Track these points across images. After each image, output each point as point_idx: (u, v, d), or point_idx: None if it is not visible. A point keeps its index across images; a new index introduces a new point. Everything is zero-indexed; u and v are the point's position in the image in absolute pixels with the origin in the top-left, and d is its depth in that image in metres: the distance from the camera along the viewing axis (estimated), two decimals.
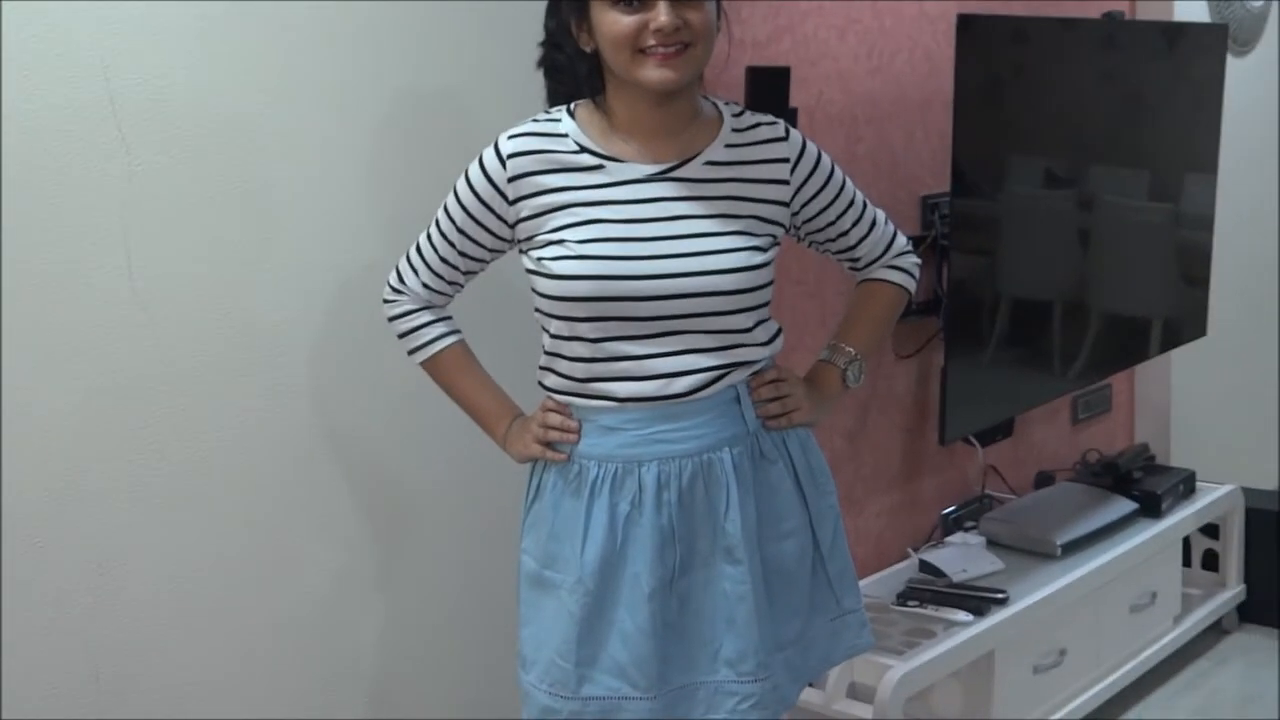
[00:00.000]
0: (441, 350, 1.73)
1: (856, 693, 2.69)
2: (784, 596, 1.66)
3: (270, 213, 1.89)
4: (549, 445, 1.65)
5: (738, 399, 1.64)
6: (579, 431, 1.63)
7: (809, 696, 2.69)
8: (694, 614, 1.61)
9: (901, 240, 1.84)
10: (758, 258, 1.62)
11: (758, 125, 1.65)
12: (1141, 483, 3.40)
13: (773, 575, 1.64)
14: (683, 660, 1.60)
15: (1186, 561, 3.51)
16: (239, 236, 1.86)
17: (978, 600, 2.86)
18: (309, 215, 1.94)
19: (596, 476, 1.60)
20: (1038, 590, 2.94)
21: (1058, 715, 2.98)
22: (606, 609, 1.58)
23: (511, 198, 1.61)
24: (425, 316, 1.73)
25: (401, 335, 1.74)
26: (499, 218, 1.63)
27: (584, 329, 1.59)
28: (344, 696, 2.08)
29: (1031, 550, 3.12)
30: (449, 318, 1.75)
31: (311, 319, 1.97)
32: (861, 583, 2.93)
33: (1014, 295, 3.05)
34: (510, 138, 1.61)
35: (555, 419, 1.64)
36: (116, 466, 1.78)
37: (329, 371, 2.00)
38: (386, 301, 1.74)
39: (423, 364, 1.75)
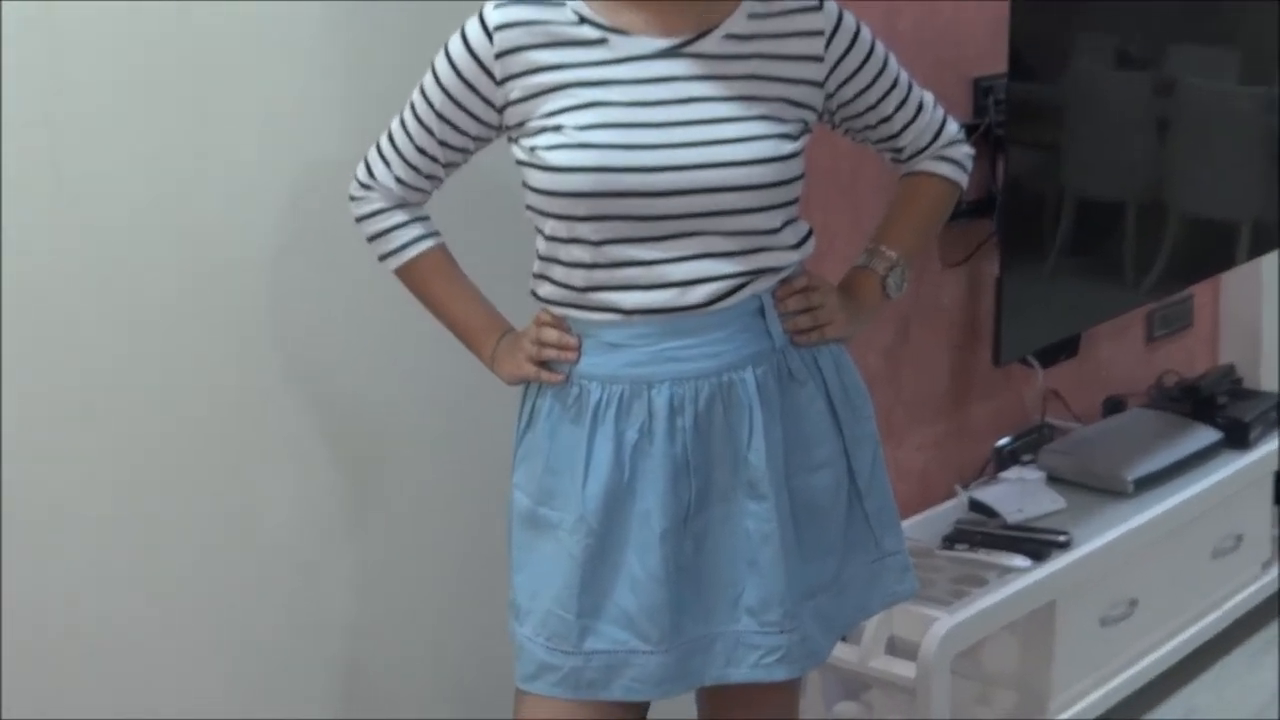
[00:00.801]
0: (418, 255, 1.72)
1: (897, 648, 2.71)
2: (814, 536, 1.66)
3: (213, 101, 1.87)
4: (544, 365, 1.65)
5: (762, 311, 1.64)
6: (578, 349, 1.63)
7: (841, 653, 2.71)
8: (711, 556, 1.62)
9: (953, 127, 1.82)
10: (786, 147, 1.61)
11: None
12: (1226, 409, 3.40)
13: (802, 512, 1.64)
14: (699, 609, 1.61)
15: (1278, 499, 3.52)
16: (177, 129, 1.85)
17: (1036, 544, 2.88)
18: (258, 103, 1.92)
19: (599, 400, 1.60)
20: (1105, 532, 2.95)
21: (1127, 673, 3.01)
22: (612, 551, 1.58)
23: (499, 77, 1.59)
24: (398, 216, 1.72)
25: (371, 239, 1.73)
26: (484, 100, 1.61)
27: (584, 230, 1.58)
28: (315, 653, 2.10)
29: (1098, 487, 3.13)
30: (426, 218, 1.74)
31: (265, 225, 1.96)
32: (903, 524, 2.95)
33: (1080, 194, 3.03)
34: (498, 6, 1.59)
35: (551, 334, 1.64)
36: (48, 401, 1.78)
37: (287, 285, 1.99)
38: (354, 199, 1.73)
39: (396, 271, 1.74)
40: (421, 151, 1.68)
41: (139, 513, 1.89)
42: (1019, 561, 2.83)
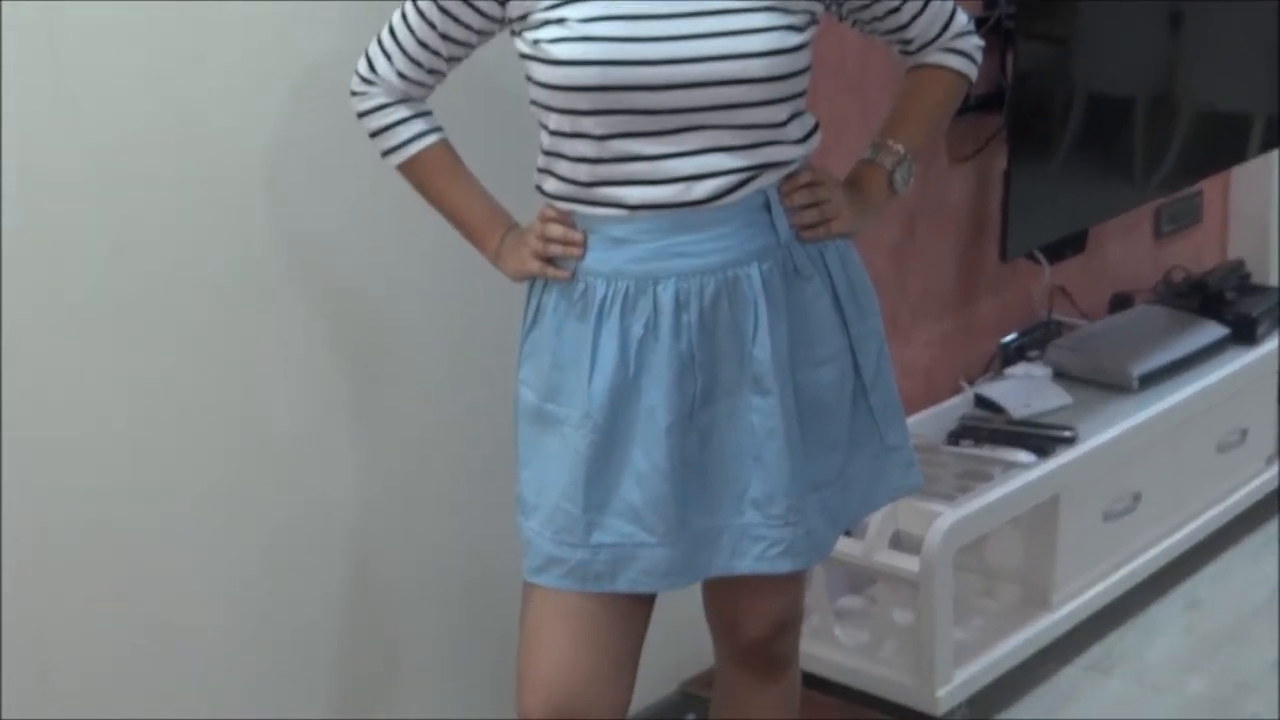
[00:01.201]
0: (421, 151, 1.71)
1: (901, 542, 2.74)
2: (819, 431, 1.67)
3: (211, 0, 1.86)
4: (549, 261, 1.65)
5: (767, 205, 1.63)
6: (584, 244, 1.62)
7: (846, 547, 2.74)
8: (717, 451, 1.62)
9: (962, 19, 1.80)
10: (793, 39, 1.59)
11: None
12: (1234, 305, 3.40)
13: (807, 407, 1.65)
14: (704, 502, 1.63)
15: None
16: (176, 30, 1.83)
17: (1041, 439, 2.89)
18: None
19: (605, 296, 1.60)
20: (1110, 427, 2.96)
21: (1129, 567, 3.04)
22: (618, 446, 1.59)
23: None
24: (401, 112, 1.70)
25: (373, 134, 1.72)
26: None
27: (588, 124, 1.57)
28: (322, 551, 2.12)
29: (1104, 382, 3.14)
30: (429, 113, 1.73)
31: (267, 124, 1.95)
32: (909, 420, 2.96)
33: (1090, 88, 3.00)
34: None
35: (556, 230, 1.64)
36: (49, 310, 1.78)
37: (289, 180, 1.98)
38: (355, 94, 1.72)
39: (399, 167, 1.73)
40: (423, 45, 1.66)
41: (143, 416, 1.90)
42: (1024, 457, 2.85)
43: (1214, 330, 3.31)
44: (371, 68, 1.70)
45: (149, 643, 1.94)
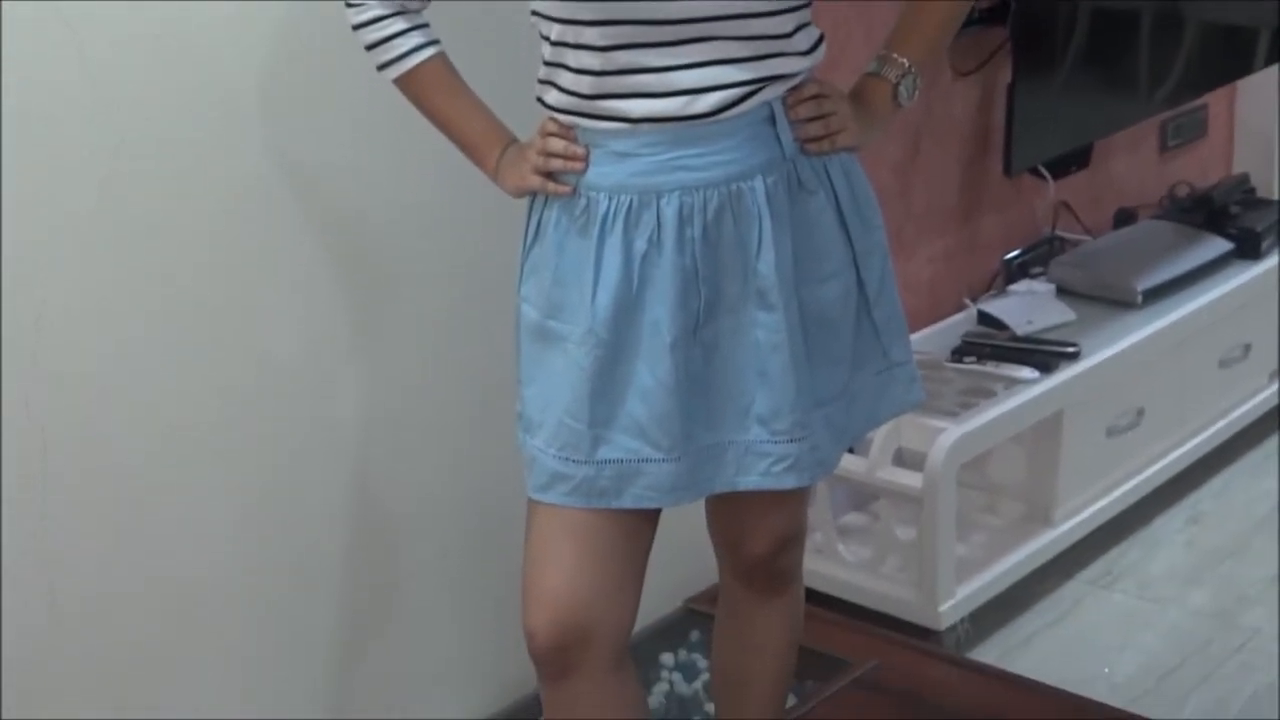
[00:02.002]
0: (418, 64, 1.69)
1: (904, 459, 2.74)
2: (824, 346, 1.66)
3: None
4: (550, 175, 1.63)
5: (772, 119, 1.61)
6: (586, 159, 1.61)
7: (850, 464, 2.74)
8: (721, 366, 1.62)
9: None
10: None
11: None
12: (1239, 219, 3.38)
13: (811, 322, 1.64)
14: (709, 418, 1.62)
15: None
16: None
17: (1045, 355, 2.89)
18: None
19: (607, 211, 1.58)
20: (1114, 343, 2.96)
21: (1133, 482, 3.05)
22: (622, 362, 1.59)
23: None
24: (398, 24, 1.68)
25: (369, 47, 1.70)
26: None
27: (590, 35, 1.55)
28: (318, 477, 2.12)
29: (1108, 298, 3.14)
30: (425, 25, 1.70)
31: (261, 39, 1.92)
32: (912, 337, 2.95)
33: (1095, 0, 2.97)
34: None
35: (557, 144, 1.62)
36: (40, 216, 1.77)
37: (283, 93, 1.96)
38: (350, 5, 1.69)
39: (395, 81, 1.71)
40: None
41: (140, 342, 1.89)
42: (1027, 373, 2.85)
43: (1218, 245, 3.30)
44: None
45: (149, 571, 1.95)
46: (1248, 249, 3.31)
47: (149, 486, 1.93)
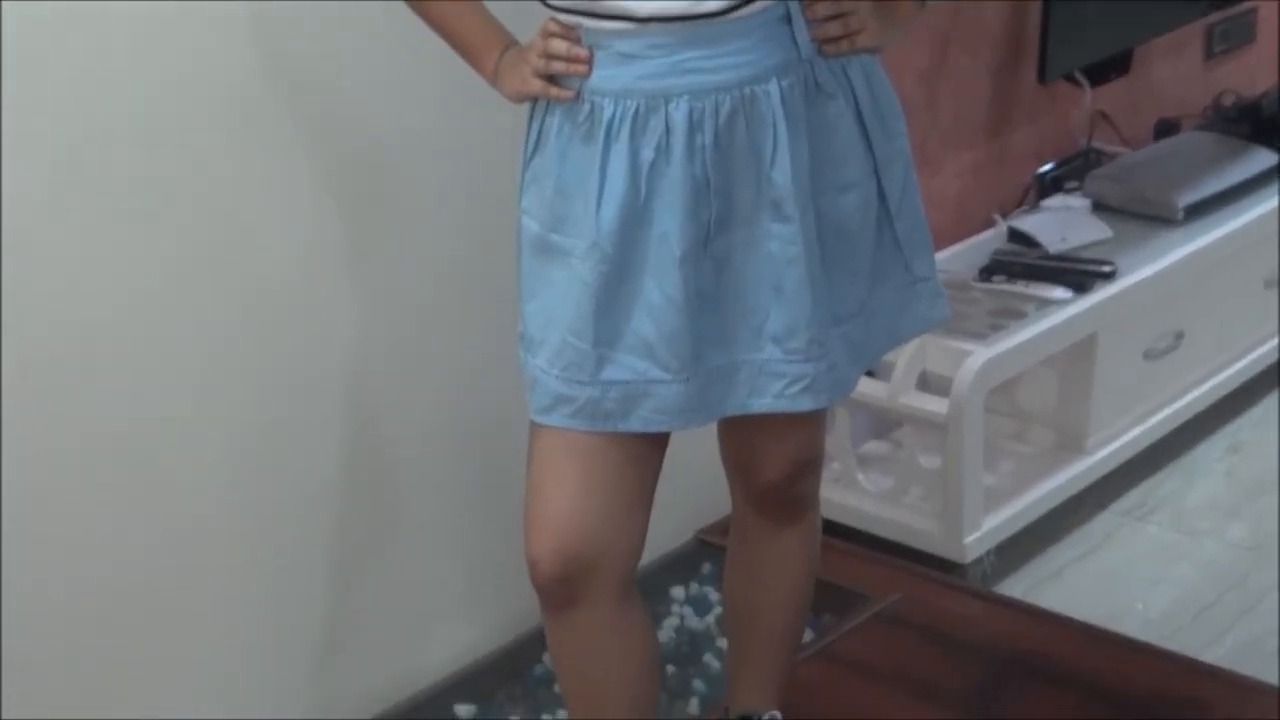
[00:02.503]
0: None
1: (929, 384, 2.74)
2: (842, 260, 1.65)
3: None
4: (552, 79, 1.62)
5: (788, 18, 1.59)
6: (589, 61, 1.59)
7: (870, 389, 2.74)
8: (734, 281, 1.61)
9: None
10: None
11: None
12: None
13: (829, 234, 1.63)
14: (720, 336, 1.62)
15: None
16: None
17: (1079, 274, 2.88)
18: None
19: (613, 117, 1.57)
20: (1152, 261, 2.95)
21: (1170, 409, 3.05)
22: (628, 277, 1.58)
23: None
24: None
25: None
26: None
27: None
28: (314, 403, 2.13)
29: (1147, 214, 3.12)
30: None
31: None
32: (938, 256, 2.94)
33: None
34: None
35: (559, 45, 1.60)
36: (29, 130, 1.76)
37: (279, 5, 1.95)
38: None
39: None
40: None
41: (129, 270, 1.89)
42: (1060, 293, 2.84)
43: (1265, 158, 3.28)
44: None
45: (136, 507, 1.96)
46: None
47: (137, 418, 1.93)
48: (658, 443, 1.68)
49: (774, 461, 1.78)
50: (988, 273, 2.92)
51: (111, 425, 1.91)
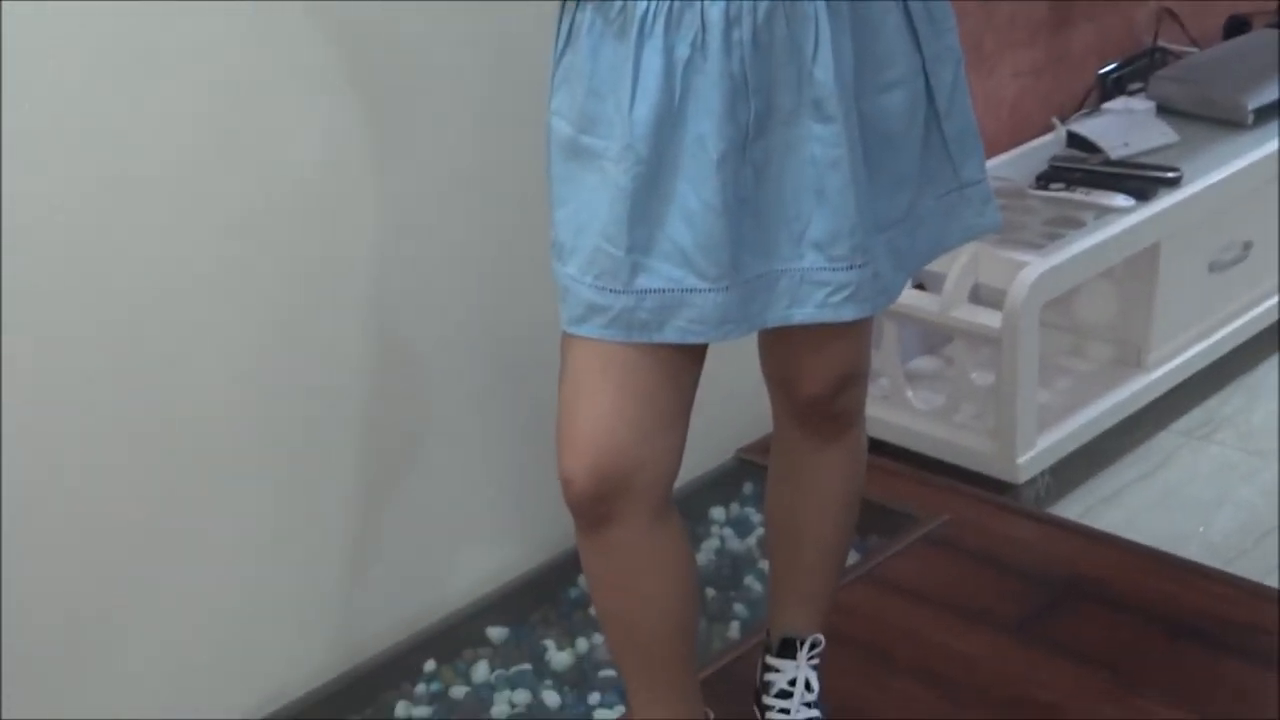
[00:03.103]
0: None
1: (982, 297, 2.75)
2: (888, 163, 1.65)
3: None
4: None
5: None
6: None
7: (920, 303, 2.75)
8: (774, 185, 1.61)
9: None
10: None
11: None
12: None
13: (874, 136, 1.63)
14: (760, 243, 1.62)
15: None
16: None
17: (1142, 180, 2.87)
18: None
19: (646, 13, 1.56)
20: (1220, 167, 2.93)
21: (1236, 323, 3.04)
22: (663, 181, 1.58)
23: None
24: None
25: None
26: None
27: None
28: (335, 307, 2.15)
29: (1214, 117, 3.10)
30: None
31: None
32: (991, 163, 2.94)
33: None
34: None
35: None
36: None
37: None
38: None
39: None
40: None
41: (142, 154, 1.91)
42: (1121, 200, 2.83)
43: None
44: None
45: (154, 409, 1.99)
46: None
47: (155, 317, 1.96)
48: (695, 355, 1.69)
49: (817, 375, 1.79)
50: (1045, 180, 2.91)
51: (125, 325, 1.94)
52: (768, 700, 1.97)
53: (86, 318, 1.90)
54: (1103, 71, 3.19)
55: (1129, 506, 2.74)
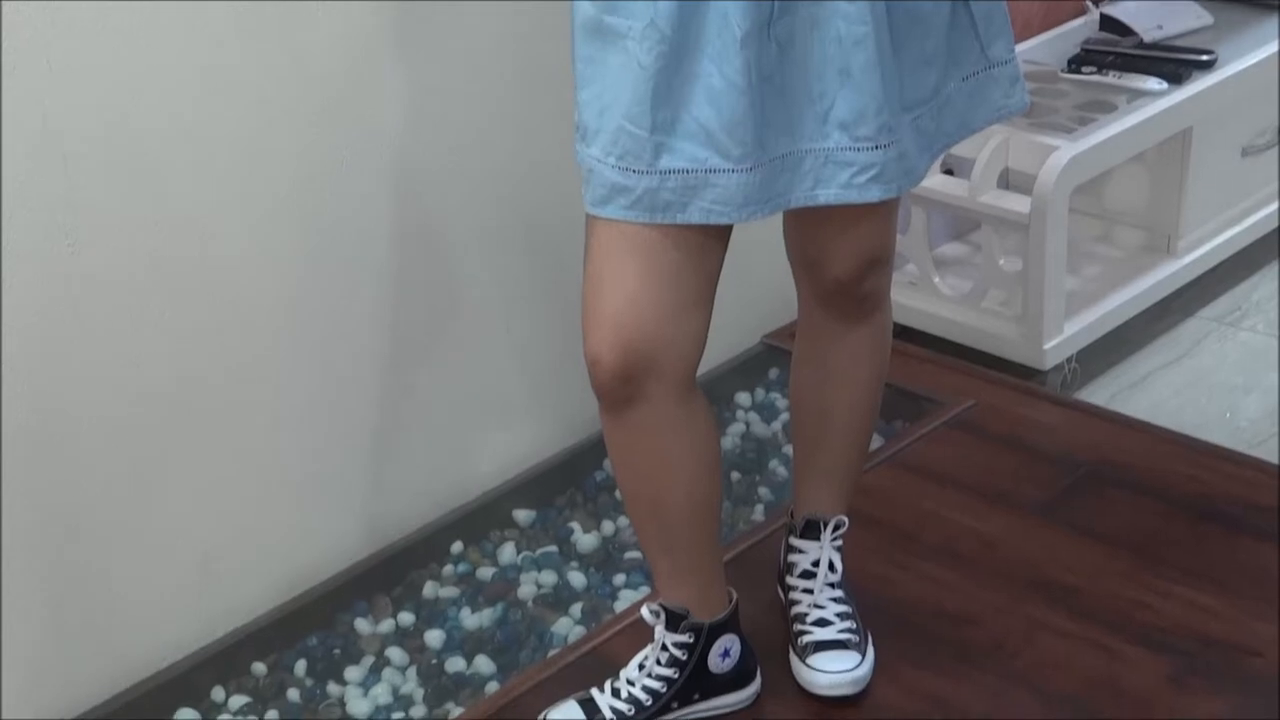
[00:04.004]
0: None
1: (1010, 181, 2.74)
2: (913, 42, 1.64)
3: None
4: None
5: None
6: None
7: (949, 188, 2.75)
8: (798, 64, 1.60)
9: None
10: None
11: None
12: None
13: (900, 14, 1.61)
14: (784, 123, 1.62)
15: None
16: None
17: (1175, 64, 2.84)
18: None
19: None
20: (1255, 50, 2.90)
21: (1268, 209, 3.03)
22: (687, 60, 1.57)
23: None
24: None
25: None
26: None
27: None
28: (363, 186, 2.16)
29: (1249, 0, 3.05)
30: None
31: None
32: (1023, 47, 2.91)
33: None
34: None
35: None
36: None
37: None
38: None
39: None
40: None
41: (167, 42, 1.91)
42: (1154, 84, 2.80)
43: None
44: None
45: (176, 294, 2.01)
46: None
47: (177, 200, 1.97)
48: (719, 237, 1.70)
49: (842, 256, 1.79)
50: (1076, 63, 2.89)
51: (143, 208, 1.94)
52: (791, 581, 2.00)
53: (118, 189, 1.91)
54: None
55: (1156, 393, 2.75)
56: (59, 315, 1.89)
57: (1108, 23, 2.99)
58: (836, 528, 1.98)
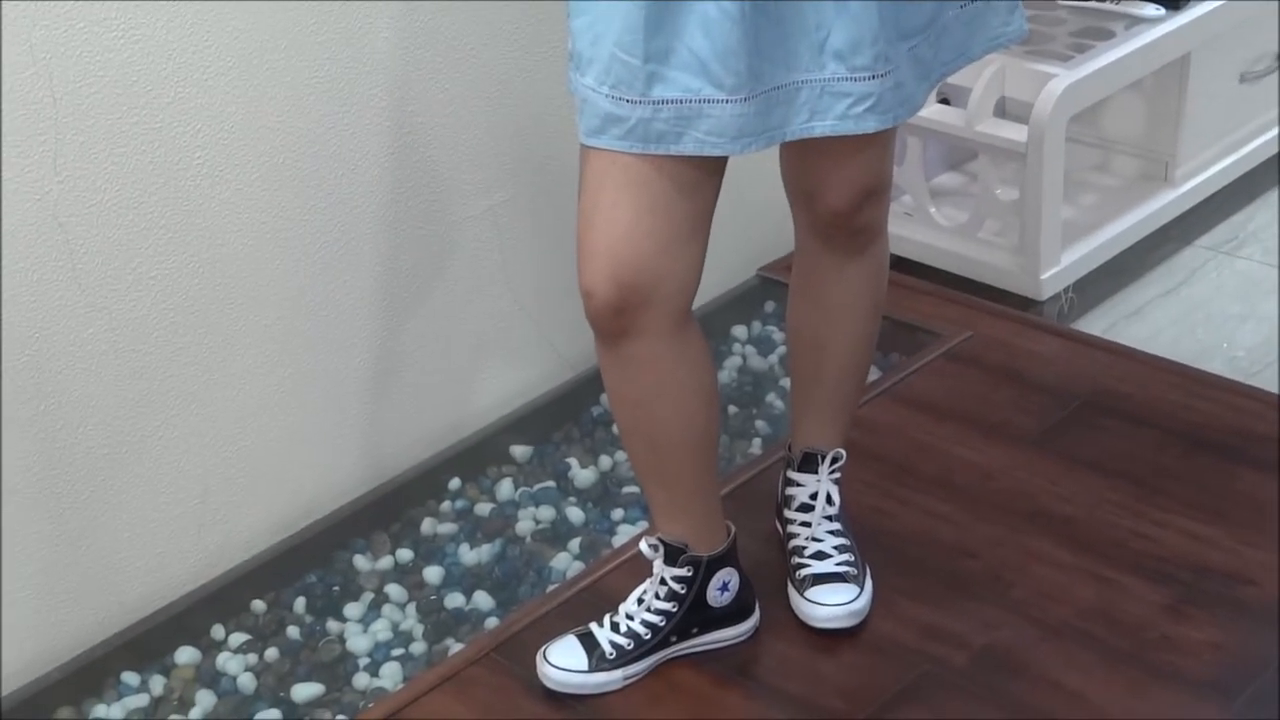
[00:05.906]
0: None
1: (1007, 110, 2.72)
2: None
3: None
4: None
5: None
6: None
7: (945, 117, 2.73)
8: None
9: None
10: None
11: None
12: None
13: None
14: (779, 53, 1.60)
15: None
16: None
17: None
18: None
19: None
20: None
21: (1266, 136, 3.01)
22: None
23: None
24: None
25: None
26: None
27: None
28: (356, 113, 2.14)
29: None
30: None
31: None
32: None
33: None
34: None
35: None
36: None
37: None
38: None
39: None
40: None
41: None
42: (1151, 10, 2.78)
43: None
44: None
45: (174, 220, 1.99)
46: None
47: (170, 128, 1.95)
48: (714, 169, 1.68)
49: (838, 188, 1.77)
50: None
51: (141, 138, 1.93)
52: (789, 514, 1.99)
53: (112, 128, 1.90)
54: None
55: (1153, 322, 2.74)
56: (49, 243, 1.88)
57: None
58: (834, 461, 1.97)
